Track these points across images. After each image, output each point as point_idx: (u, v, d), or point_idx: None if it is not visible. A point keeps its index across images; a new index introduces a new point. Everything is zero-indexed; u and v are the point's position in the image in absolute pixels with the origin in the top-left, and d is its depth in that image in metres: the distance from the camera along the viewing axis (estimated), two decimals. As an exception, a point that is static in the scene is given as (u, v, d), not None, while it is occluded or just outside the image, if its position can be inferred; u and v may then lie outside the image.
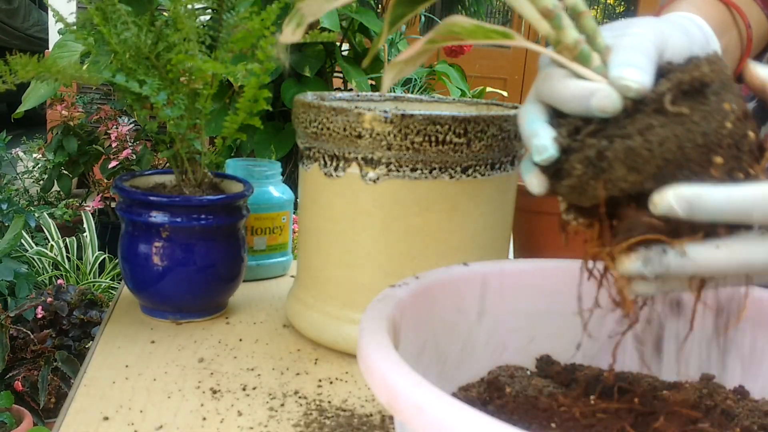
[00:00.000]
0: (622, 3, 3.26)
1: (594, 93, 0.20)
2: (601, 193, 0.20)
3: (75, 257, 1.23)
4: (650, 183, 0.20)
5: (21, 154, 1.75)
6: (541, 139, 0.21)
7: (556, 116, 0.22)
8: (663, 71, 0.21)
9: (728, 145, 0.20)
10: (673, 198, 0.19)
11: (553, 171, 0.21)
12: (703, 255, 0.20)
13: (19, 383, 0.87)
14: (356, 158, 0.37)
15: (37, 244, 1.23)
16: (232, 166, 0.53)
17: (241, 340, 0.42)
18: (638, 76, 0.20)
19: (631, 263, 0.20)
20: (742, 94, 0.22)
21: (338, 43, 1.27)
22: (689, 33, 0.26)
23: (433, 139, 0.36)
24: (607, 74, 0.21)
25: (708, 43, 0.29)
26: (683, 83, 0.20)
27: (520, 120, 0.23)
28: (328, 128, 0.37)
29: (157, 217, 0.42)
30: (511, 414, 0.26)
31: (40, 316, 0.93)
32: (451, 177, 0.37)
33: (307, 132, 0.39)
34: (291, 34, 0.24)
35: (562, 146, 0.21)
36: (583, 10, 0.21)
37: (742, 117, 0.20)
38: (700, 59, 0.21)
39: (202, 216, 0.42)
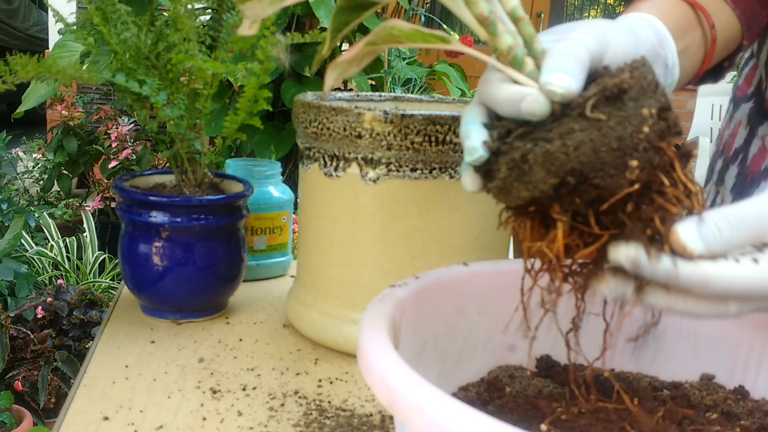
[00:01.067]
0: (623, 3, 3.26)
1: (524, 97, 0.21)
2: (524, 194, 0.21)
3: (75, 257, 1.23)
4: (571, 179, 0.20)
5: (21, 154, 1.76)
6: (472, 141, 0.22)
7: (496, 119, 0.23)
8: (596, 76, 0.22)
9: (644, 149, 0.20)
10: (623, 257, 0.20)
11: (484, 171, 0.23)
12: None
13: (19, 383, 0.87)
14: (356, 158, 0.37)
15: (37, 244, 1.23)
16: (232, 166, 0.53)
17: (241, 340, 0.42)
18: (565, 81, 0.21)
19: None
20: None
21: (338, 43, 1.27)
22: (637, 35, 0.27)
23: (433, 139, 0.36)
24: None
25: (661, 45, 0.29)
26: (606, 89, 0.21)
27: (461, 121, 0.24)
28: (328, 128, 0.37)
29: (157, 217, 0.42)
30: (511, 414, 0.26)
31: (40, 316, 0.93)
32: (451, 177, 0.37)
33: (307, 132, 0.39)
34: (248, 29, 0.24)
35: (492, 149, 0.22)
36: (521, 16, 0.22)
37: (664, 122, 0.21)
38: (625, 65, 0.22)
39: (202, 216, 0.42)
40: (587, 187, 0.20)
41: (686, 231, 0.20)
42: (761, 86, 0.43)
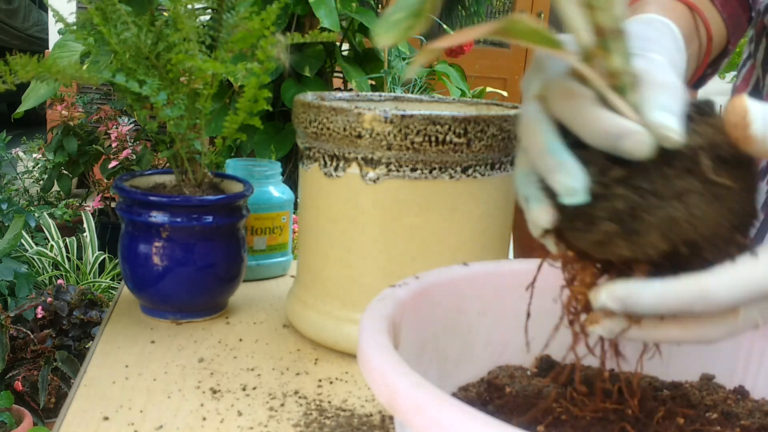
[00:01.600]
0: (622, 3, 3.24)
1: (628, 134, 0.19)
2: (624, 252, 0.19)
3: (75, 257, 1.23)
4: (685, 250, 0.19)
5: (21, 154, 1.75)
6: (572, 179, 0.19)
7: (570, 139, 0.20)
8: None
9: (747, 225, 0.19)
10: (606, 297, 0.19)
11: (572, 212, 0.19)
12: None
13: (19, 383, 0.87)
14: (356, 158, 0.37)
15: (37, 244, 1.23)
16: (232, 166, 0.53)
17: (241, 340, 0.42)
18: (678, 126, 0.19)
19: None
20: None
21: (338, 43, 1.27)
22: (679, 49, 0.25)
23: (433, 139, 0.36)
24: (641, 111, 0.19)
25: (682, 54, 0.27)
26: (718, 148, 0.18)
27: (529, 134, 0.21)
28: (328, 128, 0.37)
29: (157, 217, 0.42)
30: (511, 414, 0.26)
31: (40, 316, 0.93)
32: (451, 177, 0.37)
33: (307, 132, 0.39)
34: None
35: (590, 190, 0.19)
36: (621, 30, 0.19)
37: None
38: (716, 113, 0.19)
39: (202, 216, 0.42)
40: (694, 258, 0.18)
41: (755, 106, 0.17)
42: (758, 85, 0.43)
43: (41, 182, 1.70)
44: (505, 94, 1.44)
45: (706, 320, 0.19)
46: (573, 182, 0.19)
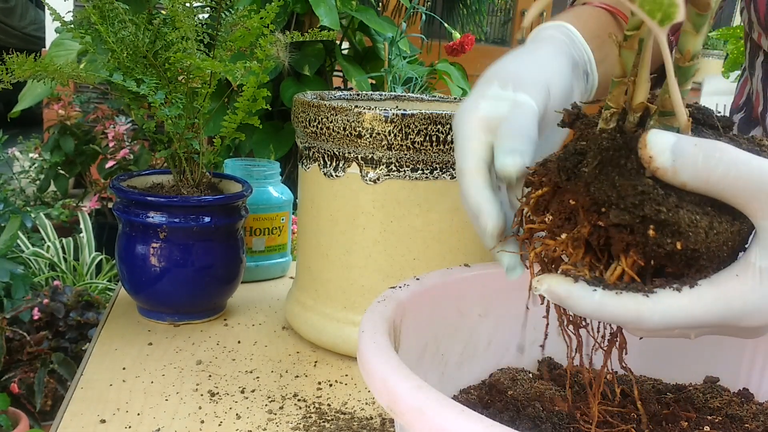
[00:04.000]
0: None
1: (480, 214, 0.22)
2: (648, 239, 0.18)
3: (72, 258, 1.22)
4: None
5: (17, 153, 1.75)
6: (507, 261, 0.22)
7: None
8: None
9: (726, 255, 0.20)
10: (545, 290, 0.19)
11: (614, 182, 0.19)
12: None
13: (15, 385, 0.86)
14: (356, 158, 0.37)
15: (33, 245, 1.23)
16: (230, 166, 0.52)
17: (239, 342, 0.42)
18: (514, 162, 0.21)
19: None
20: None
21: (338, 42, 1.27)
22: (570, 60, 0.28)
23: (434, 138, 0.35)
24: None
25: (579, 55, 0.30)
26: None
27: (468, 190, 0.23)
28: (328, 128, 0.37)
29: (155, 217, 0.41)
30: (513, 417, 0.26)
31: (36, 317, 0.93)
32: (453, 177, 0.37)
33: (307, 131, 0.39)
34: None
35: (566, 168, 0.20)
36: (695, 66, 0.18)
37: None
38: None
39: (201, 216, 0.42)
40: (684, 267, 0.19)
41: (658, 138, 0.18)
42: (751, 97, 0.44)
43: (38, 182, 1.69)
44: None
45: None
46: (507, 262, 0.22)
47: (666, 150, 0.18)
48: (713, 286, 0.19)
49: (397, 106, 0.46)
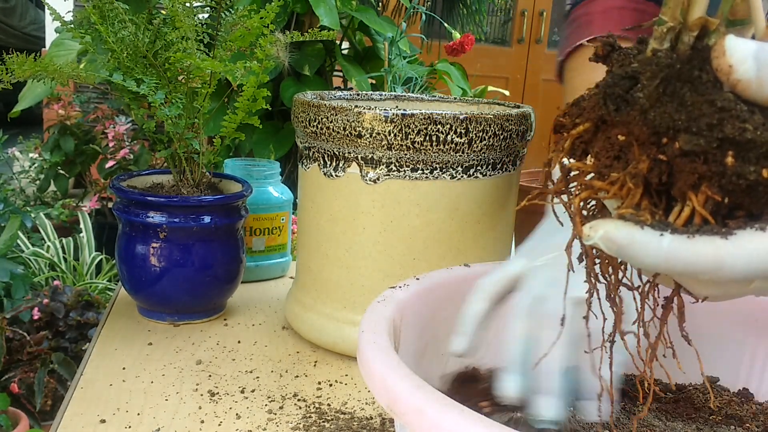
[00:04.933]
0: None
1: (456, 336, 0.26)
2: (722, 171, 0.15)
3: (72, 258, 1.22)
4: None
5: (17, 153, 1.75)
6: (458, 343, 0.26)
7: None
8: None
9: None
10: (600, 238, 0.16)
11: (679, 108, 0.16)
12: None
13: (15, 385, 0.86)
14: (356, 158, 0.37)
15: (33, 245, 1.23)
16: (230, 165, 0.52)
17: (239, 342, 0.42)
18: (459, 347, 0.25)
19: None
20: None
21: (338, 42, 1.27)
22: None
23: (434, 138, 0.35)
24: None
25: None
26: None
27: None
28: (328, 128, 0.37)
29: (155, 217, 0.41)
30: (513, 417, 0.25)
31: (36, 317, 0.93)
32: (453, 177, 0.37)
33: (307, 131, 0.39)
34: None
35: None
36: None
37: None
38: None
39: (201, 216, 0.42)
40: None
41: (739, 44, 0.15)
42: None
43: (38, 182, 1.69)
44: (506, 93, 1.44)
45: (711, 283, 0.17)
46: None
47: (748, 57, 0.15)
48: None
49: (397, 106, 0.46)
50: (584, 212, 0.18)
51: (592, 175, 0.17)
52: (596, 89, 0.17)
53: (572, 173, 0.18)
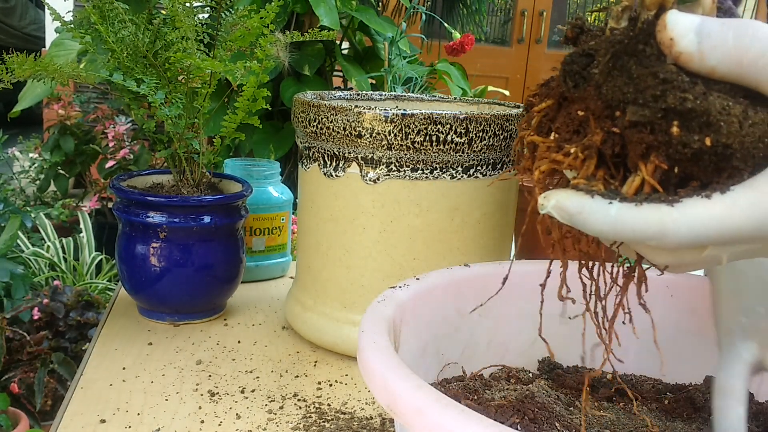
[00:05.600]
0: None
1: None
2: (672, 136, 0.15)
3: (72, 258, 1.22)
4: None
5: (17, 153, 1.75)
6: None
7: None
8: None
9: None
10: (553, 207, 0.17)
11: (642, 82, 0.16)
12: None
13: (15, 385, 0.86)
14: (356, 158, 0.37)
15: (33, 245, 1.23)
16: (230, 165, 0.52)
17: (239, 342, 0.42)
18: None
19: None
20: None
21: (338, 42, 1.27)
22: None
23: (434, 138, 0.35)
24: None
25: None
26: None
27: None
28: (328, 127, 0.37)
29: (155, 217, 0.41)
30: (513, 417, 0.26)
31: (36, 317, 0.93)
32: (453, 177, 0.37)
33: (307, 131, 0.39)
34: None
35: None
36: None
37: None
38: None
39: (201, 216, 0.42)
40: (714, 172, 0.16)
41: (679, 18, 0.15)
42: None
43: (38, 182, 1.69)
44: (506, 93, 1.44)
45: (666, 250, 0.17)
46: None
47: (690, 31, 0.15)
48: (749, 189, 0.16)
49: (397, 106, 0.46)
50: (550, 187, 0.18)
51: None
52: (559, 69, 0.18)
53: (537, 150, 0.18)
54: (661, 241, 0.16)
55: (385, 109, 0.35)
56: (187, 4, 0.39)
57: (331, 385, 0.37)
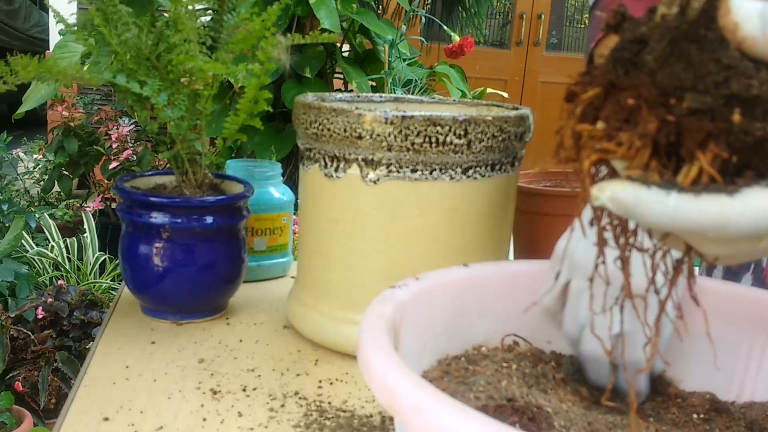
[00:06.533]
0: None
1: None
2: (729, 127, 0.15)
3: (75, 258, 1.23)
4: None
5: (22, 154, 1.76)
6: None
7: None
8: None
9: None
10: (608, 198, 0.16)
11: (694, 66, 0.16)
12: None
13: (20, 384, 0.87)
14: (356, 159, 0.37)
15: (37, 245, 1.23)
16: (232, 167, 0.53)
17: (241, 340, 0.42)
18: None
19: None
20: None
21: (339, 44, 1.27)
22: None
23: (433, 140, 0.36)
24: None
25: None
26: None
27: None
28: (329, 129, 0.37)
29: (158, 217, 0.42)
30: (512, 416, 0.26)
31: (40, 316, 0.93)
32: (452, 178, 0.37)
33: (308, 133, 0.39)
34: None
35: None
36: None
37: None
38: None
39: (203, 217, 0.42)
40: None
41: (742, 2, 0.15)
42: None
43: (42, 183, 1.70)
44: (505, 95, 1.44)
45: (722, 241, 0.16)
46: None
47: (754, 15, 0.15)
48: None
49: (397, 108, 0.46)
50: (595, 179, 0.18)
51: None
52: (607, 56, 0.17)
53: (582, 139, 0.18)
54: (722, 232, 0.16)
55: (385, 111, 0.36)
56: (190, 7, 0.40)
57: (331, 383, 0.37)
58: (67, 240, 1.25)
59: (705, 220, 0.15)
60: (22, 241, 1.20)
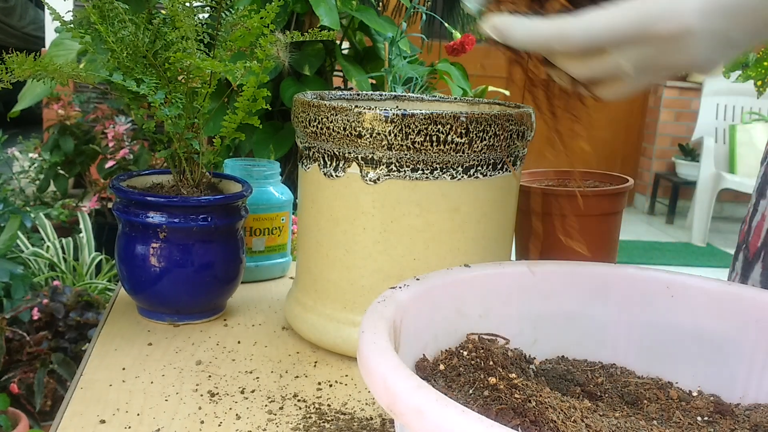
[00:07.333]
0: None
1: None
2: None
3: (71, 258, 1.22)
4: None
5: (17, 153, 1.75)
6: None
7: None
8: None
9: None
10: (489, 26, 0.23)
11: None
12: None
13: (15, 386, 0.86)
14: (356, 158, 0.37)
15: (33, 245, 1.23)
16: (230, 166, 0.52)
17: (239, 342, 0.42)
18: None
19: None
20: None
21: (338, 42, 1.27)
22: None
23: (434, 138, 0.35)
24: None
25: None
26: None
27: None
28: (328, 128, 0.37)
29: (155, 217, 0.41)
30: (513, 417, 0.25)
31: (36, 317, 0.93)
32: (453, 177, 0.37)
33: (307, 131, 0.39)
34: None
35: None
36: None
37: None
38: None
39: (200, 216, 0.42)
40: None
41: None
42: None
43: (37, 182, 1.69)
44: (507, 93, 1.44)
45: (577, 57, 0.22)
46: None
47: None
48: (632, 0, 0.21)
49: (397, 106, 0.46)
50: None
51: None
52: None
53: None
54: (566, 43, 0.21)
55: (385, 109, 0.35)
56: (187, 4, 0.39)
57: (331, 385, 0.37)
58: (63, 240, 1.25)
59: (550, 34, 0.21)
60: (18, 241, 1.19)
